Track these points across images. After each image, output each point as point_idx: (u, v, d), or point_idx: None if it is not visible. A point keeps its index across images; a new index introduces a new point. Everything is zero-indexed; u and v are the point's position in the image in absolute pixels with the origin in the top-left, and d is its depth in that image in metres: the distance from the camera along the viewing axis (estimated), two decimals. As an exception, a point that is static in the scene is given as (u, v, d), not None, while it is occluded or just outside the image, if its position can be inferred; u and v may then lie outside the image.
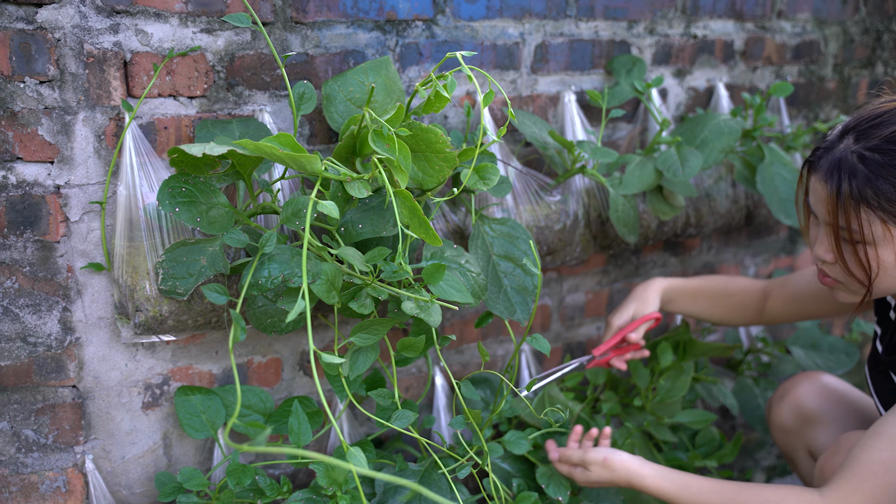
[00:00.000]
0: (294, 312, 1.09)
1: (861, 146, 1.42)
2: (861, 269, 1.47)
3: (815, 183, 1.49)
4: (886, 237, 1.42)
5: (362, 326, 1.41)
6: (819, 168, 1.47)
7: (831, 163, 1.45)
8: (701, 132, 1.95)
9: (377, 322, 1.41)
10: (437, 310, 1.41)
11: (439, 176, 1.44)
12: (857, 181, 1.41)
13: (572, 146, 1.76)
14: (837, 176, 1.43)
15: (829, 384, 1.88)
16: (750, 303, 1.92)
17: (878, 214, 1.40)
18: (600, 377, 2.01)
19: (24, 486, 1.51)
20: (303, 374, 1.74)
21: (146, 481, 1.60)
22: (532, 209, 1.79)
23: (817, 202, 1.49)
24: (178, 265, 1.39)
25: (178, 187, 1.35)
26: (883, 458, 1.43)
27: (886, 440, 1.44)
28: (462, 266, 1.53)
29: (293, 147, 1.26)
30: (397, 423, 1.44)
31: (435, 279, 1.39)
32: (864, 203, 1.40)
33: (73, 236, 1.46)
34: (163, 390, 1.59)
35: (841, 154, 1.44)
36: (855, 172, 1.41)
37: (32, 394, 1.49)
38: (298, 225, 1.35)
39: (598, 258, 2.13)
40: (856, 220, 1.42)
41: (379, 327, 1.41)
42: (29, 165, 1.41)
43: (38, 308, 1.46)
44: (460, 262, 1.53)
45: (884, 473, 1.43)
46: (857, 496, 1.44)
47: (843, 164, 1.43)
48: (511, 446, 1.69)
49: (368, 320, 1.42)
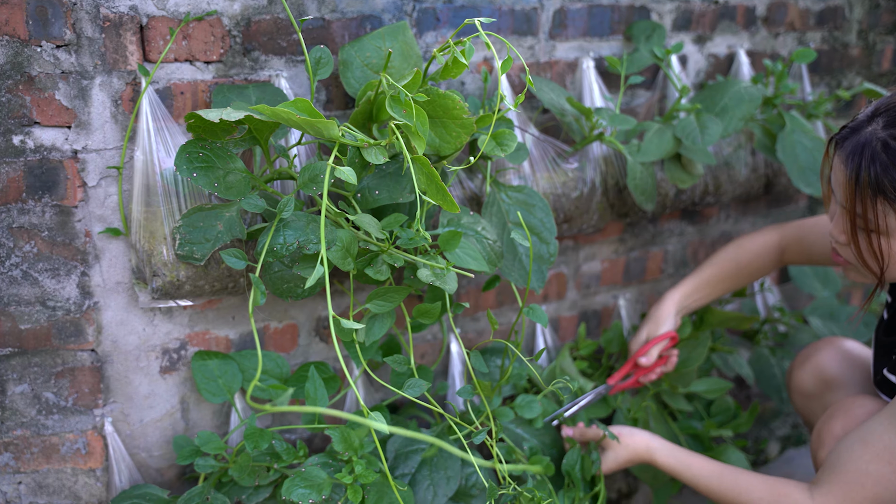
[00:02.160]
0: (312, 279, 1.10)
1: (888, 133, 1.37)
2: (873, 257, 1.44)
3: (837, 163, 1.45)
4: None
5: (378, 293, 1.41)
6: (842, 149, 1.43)
7: (854, 146, 1.40)
8: (721, 99, 1.93)
9: (393, 289, 1.41)
10: (453, 277, 1.41)
11: (456, 142, 1.43)
12: (877, 169, 1.36)
13: (590, 113, 1.75)
14: (858, 161, 1.38)
15: (850, 349, 1.87)
16: (766, 264, 1.93)
17: (893, 206, 1.36)
18: (615, 346, 2.01)
19: (44, 448, 1.53)
20: (319, 340, 1.75)
21: (164, 444, 1.62)
22: (549, 176, 1.78)
23: (837, 183, 1.45)
24: (195, 230, 1.39)
25: (196, 152, 1.35)
26: (870, 470, 1.46)
27: (873, 453, 1.46)
28: (478, 233, 1.52)
29: (310, 112, 1.25)
30: (409, 391, 1.44)
31: (451, 246, 1.39)
32: (881, 194, 1.36)
33: (91, 201, 1.46)
34: (180, 355, 1.60)
35: (866, 138, 1.39)
36: (875, 160, 1.36)
37: (52, 357, 1.50)
38: (315, 190, 1.35)
39: (615, 226, 2.12)
40: (871, 209, 1.38)
41: (395, 294, 1.41)
42: (46, 130, 1.41)
43: (57, 272, 1.47)
44: (476, 228, 1.53)
45: (872, 484, 1.46)
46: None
47: (866, 150, 1.38)
48: (522, 410, 1.70)
49: (384, 287, 1.42)
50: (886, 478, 1.45)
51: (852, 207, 1.41)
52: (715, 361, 2.10)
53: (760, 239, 1.93)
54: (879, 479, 1.45)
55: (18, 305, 1.46)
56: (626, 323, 2.14)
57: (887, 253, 1.42)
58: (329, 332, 1.76)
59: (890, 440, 1.45)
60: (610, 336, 2.01)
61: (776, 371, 2.20)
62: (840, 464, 1.49)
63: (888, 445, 1.45)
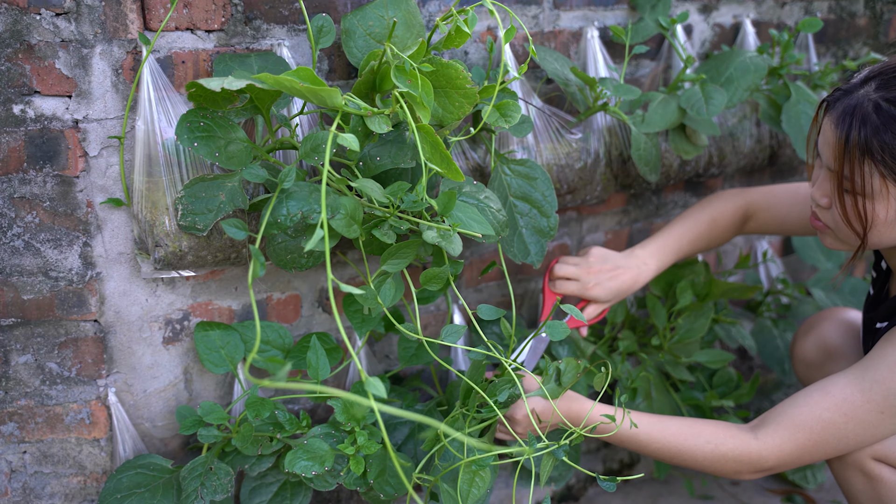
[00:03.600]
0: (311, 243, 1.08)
1: (880, 95, 1.39)
2: (858, 219, 1.44)
3: (827, 124, 1.45)
4: (882, 192, 1.40)
5: (391, 253, 1.40)
6: (834, 110, 1.44)
7: (846, 107, 1.41)
8: (726, 70, 1.92)
9: (404, 245, 1.40)
10: (458, 240, 1.40)
11: (459, 112, 1.42)
12: (867, 131, 1.37)
13: (594, 83, 1.74)
14: (849, 122, 1.39)
15: (852, 320, 1.88)
16: (729, 231, 1.87)
17: (879, 168, 1.38)
18: (619, 315, 2.01)
19: (49, 418, 1.54)
20: (322, 311, 1.75)
21: (168, 414, 1.63)
22: (553, 147, 1.77)
23: (825, 144, 1.46)
24: (198, 201, 1.38)
25: (197, 122, 1.34)
26: (824, 417, 1.48)
27: (831, 402, 1.48)
28: (481, 201, 1.52)
29: (313, 81, 1.24)
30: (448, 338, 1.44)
31: (448, 208, 1.37)
32: (868, 155, 1.38)
33: (93, 171, 1.46)
34: (183, 326, 1.60)
35: (858, 100, 1.40)
36: (866, 121, 1.38)
37: (55, 328, 1.50)
38: (317, 160, 1.34)
39: (619, 198, 2.11)
40: (858, 170, 1.39)
41: (407, 250, 1.40)
42: (47, 99, 1.40)
43: (59, 243, 1.47)
44: (479, 197, 1.52)
45: (820, 431, 1.48)
46: (790, 445, 1.50)
47: (857, 111, 1.39)
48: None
49: (395, 245, 1.41)
50: (837, 427, 1.47)
51: (840, 168, 1.42)
52: (717, 332, 2.11)
53: (729, 204, 1.86)
54: (829, 427, 1.47)
55: (21, 276, 1.46)
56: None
57: (871, 216, 1.43)
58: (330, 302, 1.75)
59: (851, 394, 1.47)
60: (614, 306, 2.01)
61: (779, 343, 2.20)
62: (794, 408, 1.51)
63: (848, 398, 1.47)
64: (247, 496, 1.59)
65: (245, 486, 1.59)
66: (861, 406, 1.46)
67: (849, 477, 1.58)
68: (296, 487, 1.58)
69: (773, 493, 2.21)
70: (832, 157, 1.44)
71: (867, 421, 1.47)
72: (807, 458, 1.51)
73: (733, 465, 1.53)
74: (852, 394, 1.47)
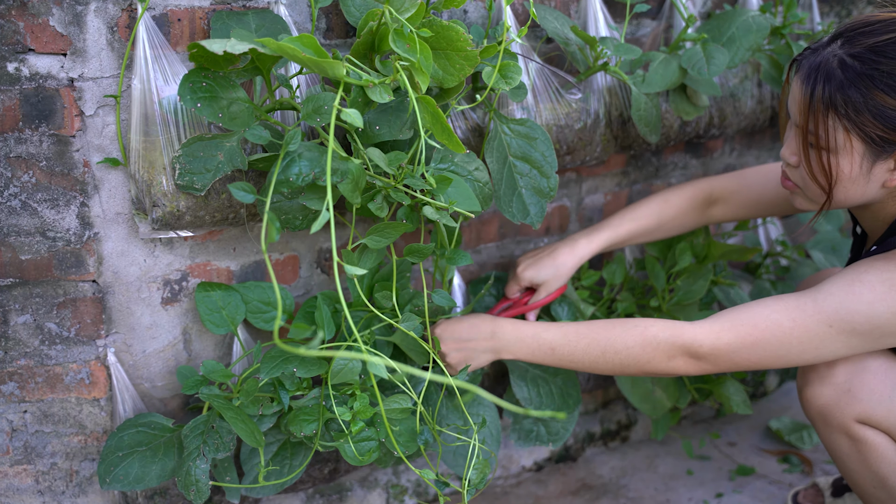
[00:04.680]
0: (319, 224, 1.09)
1: (844, 51, 1.42)
2: (823, 174, 1.47)
3: (795, 82, 1.48)
4: (846, 147, 1.43)
5: (376, 229, 1.41)
6: (801, 68, 1.47)
7: (812, 64, 1.44)
8: (728, 29, 1.90)
9: (391, 225, 1.42)
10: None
11: (460, 74, 1.41)
12: (831, 87, 1.40)
13: (595, 42, 1.72)
14: (814, 78, 1.43)
15: None
16: (688, 223, 1.88)
17: (842, 123, 1.40)
18: (617, 277, 2.01)
19: (49, 378, 1.54)
20: (321, 271, 1.75)
21: (167, 375, 1.63)
22: (552, 107, 1.75)
23: (792, 102, 1.49)
24: (195, 160, 1.37)
25: (199, 82, 1.33)
26: (772, 317, 1.48)
27: (782, 306, 1.48)
28: (471, 173, 1.54)
29: (316, 50, 1.23)
30: (439, 300, 1.47)
31: (442, 189, 1.40)
32: (832, 109, 1.40)
33: (89, 130, 1.45)
34: (181, 286, 1.60)
35: (824, 57, 1.43)
36: (831, 77, 1.41)
37: (54, 288, 1.50)
38: (319, 122, 1.33)
39: (619, 159, 2.10)
40: (822, 125, 1.42)
41: (391, 231, 1.42)
42: (41, 57, 1.38)
43: (56, 203, 1.46)
44: (469, 168, 1.53)
45: (764, 329, 1.48)
46: (729, 335, 1.49)
47: (822, 68, 1.42)
48: None
49: (382, 223, 1.42)
50: (782, 330, 1.47)
51: (805, 124, 1.45)
52: (716, 294, 2.11)
53: (687, 194, 1.86)
54: (773, 328, 1.47)
55: (18, 236, 1.45)
56: (629, 256, 2.14)
57: (836, 170, 1.45)
58: (329, 264, 1.75)
59: (804, 302, 1.48)
60: (613, 268, 2.01)
61: (777, 304, 2.20)
62: (744, 306, 1.52)
63: (800, 305, 1.48)
64: (247, 455, 1.60)
65: (245, 445, 1.60)
66: (812, 315, 1.46)
67: (834, 440, 1.59)
68: (296, 447, 1.59)
69: (769, 453, 2.23)
70: (798, 112, 1.46)
71: (814, 331, 1.46)
72: (744, 354, 1.49)
73: (665, 349, 1.50)
74: (805, 302, 1.47)
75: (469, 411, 1.71)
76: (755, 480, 2.11)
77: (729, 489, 2.07)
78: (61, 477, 1.60)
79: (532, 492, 2.07)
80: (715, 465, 2.17)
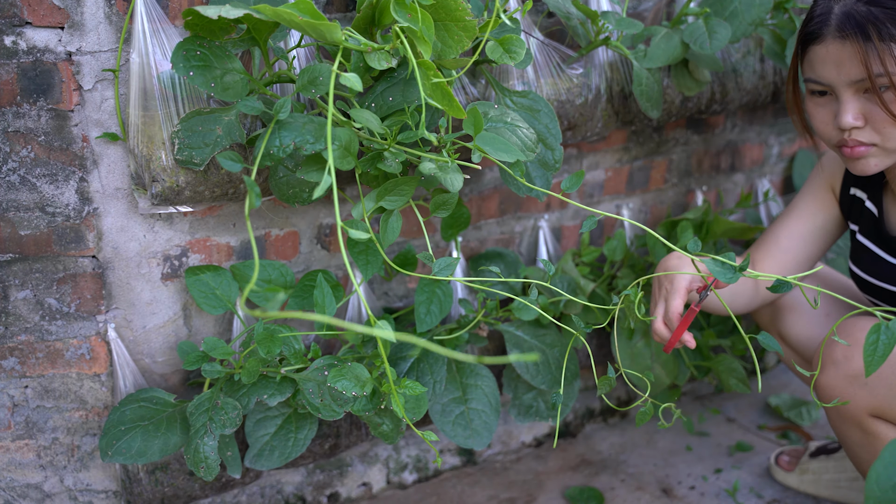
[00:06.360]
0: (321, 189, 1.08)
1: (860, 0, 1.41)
2: None
3: (826, 48, 1.44)
4: None
5: (387, 189, 1.38)
6: (826, 33, 1.44)
7: (840, 20, 1.42)
8: (731, 3, 1.88)
9: (402, 180, 1.39)
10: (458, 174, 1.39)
11: (459, 46, 1.40)
12: (882, 23, 1.39)
13: (596, 16, 1.70)
14: (856, 23, 1.40)
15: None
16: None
17: None
18: (618, 254, 2.01)
19: (49, 353, 1.54)
20: (321, 247, 1.75)
21: (168, 350, 1.63)
22: (553, 82, 1.74)
23: (835, 66, 1.44)
24: (194, 135, 1.37)
25: (193, 50, 1.32)
26: None
27: None
28: (508, 123, 1.48)
29: (313, 14, 1.22)
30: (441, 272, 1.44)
31: (478, 128, 1.33)
32: (893, 40, 1.39)
33: (87, 105, 1.44)
34: (181, 262, 1.60)
35: (846, 8, 1.42)
36: (874, 18, 1.39)
37: (53, 263, 1.50)
38: (315, 93, 1.32)
39: (620, 134, 2.09)
40: (890, 60, 1.39)
41: (405, 186, 1.39)
42: (39, 31, 1.37)
43: (55, 178, 1.45)
44: (506, 120, 1.49)
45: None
46: None
47: (857, 16, 1.40)
48: (519, 313, 1.71)
49: (393, 180, 1.39)
50: None
51: (869, 72, 1.40)
52: (716, 271, 2.10)
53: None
54: None
55: (17, 211, 1.45)
56: (629, 232, 2.13)
57: None
58: (329, 239, 1.75)
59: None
60: (613, 245, 2.01)
61: (777, 281, 2.20)
62: None
63: None
64: (252, 428, 1.60)
65: (250, 418, 1.60)
66: None
67: (845, 430, 1.58)
68: (301, 420, 1.60)
69: (769, 429, 2.24)
70: (854, 67, 1.42)
71: None
72: None
73: None
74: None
75: (468, 382, 1.72)
76: (754, 456, 2.12)
77: (728, 465, 2.08)
78: (63, 452, 1.61)
79: (532, 467, 2.08)
80: (714, 441, 2.18)
